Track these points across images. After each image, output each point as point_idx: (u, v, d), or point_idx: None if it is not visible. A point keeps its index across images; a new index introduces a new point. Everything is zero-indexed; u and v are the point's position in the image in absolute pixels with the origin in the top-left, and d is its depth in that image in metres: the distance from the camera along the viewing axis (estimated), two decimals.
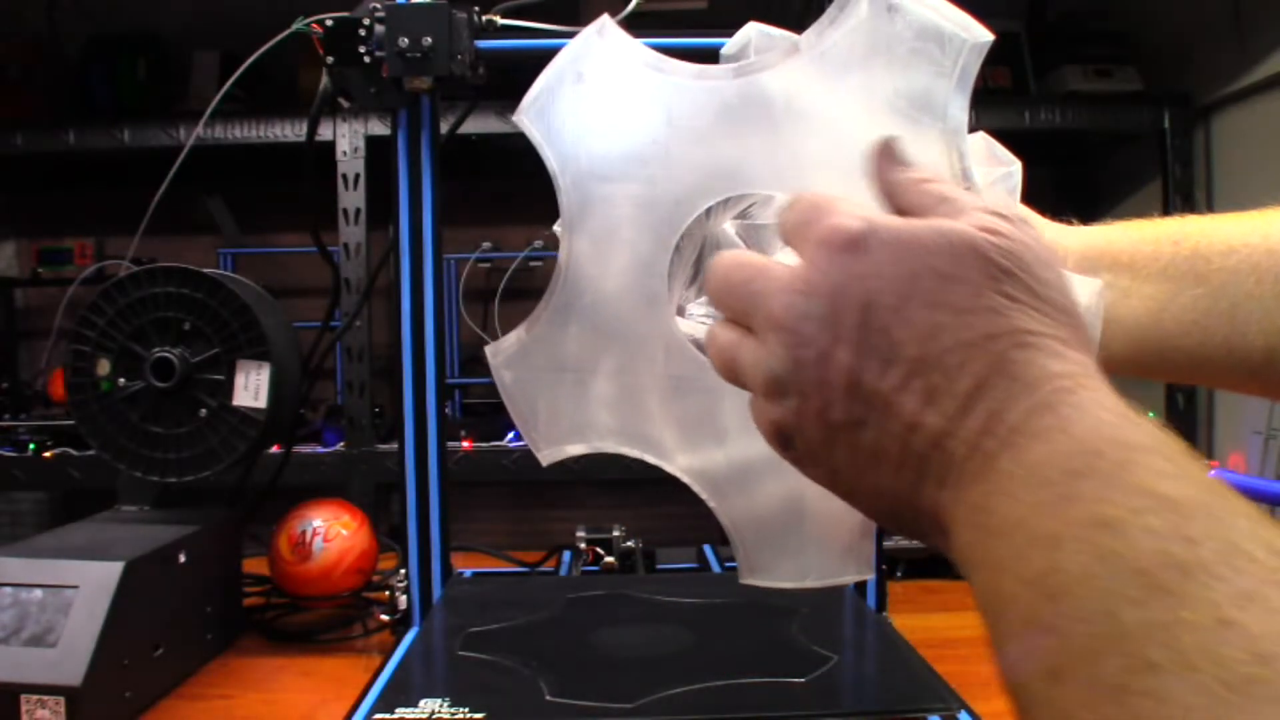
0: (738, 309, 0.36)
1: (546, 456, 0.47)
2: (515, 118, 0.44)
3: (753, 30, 0.50)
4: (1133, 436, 0.27)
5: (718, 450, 0.45)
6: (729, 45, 0.51)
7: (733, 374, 0.36)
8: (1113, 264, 0.49)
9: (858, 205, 0.34)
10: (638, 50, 0.44)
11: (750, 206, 0.48)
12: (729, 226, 0.48)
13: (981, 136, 0.49)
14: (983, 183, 0.43)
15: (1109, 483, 0.26)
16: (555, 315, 0.44)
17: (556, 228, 0.49)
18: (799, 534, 0.44)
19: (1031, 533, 0.27)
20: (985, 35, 0.41)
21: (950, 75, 0.40)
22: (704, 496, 0.45)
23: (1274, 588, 0.22)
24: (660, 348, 0.44)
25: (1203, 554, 0.23)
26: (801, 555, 0.44)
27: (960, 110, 0.41)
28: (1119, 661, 0.23)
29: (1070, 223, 0.52)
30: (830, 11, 0.41)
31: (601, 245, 0.44)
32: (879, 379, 0.31)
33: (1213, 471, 0.93)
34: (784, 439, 0.35)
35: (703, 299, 0.48)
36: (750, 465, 0.44)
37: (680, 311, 0.47)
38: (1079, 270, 0.48)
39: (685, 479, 0.45)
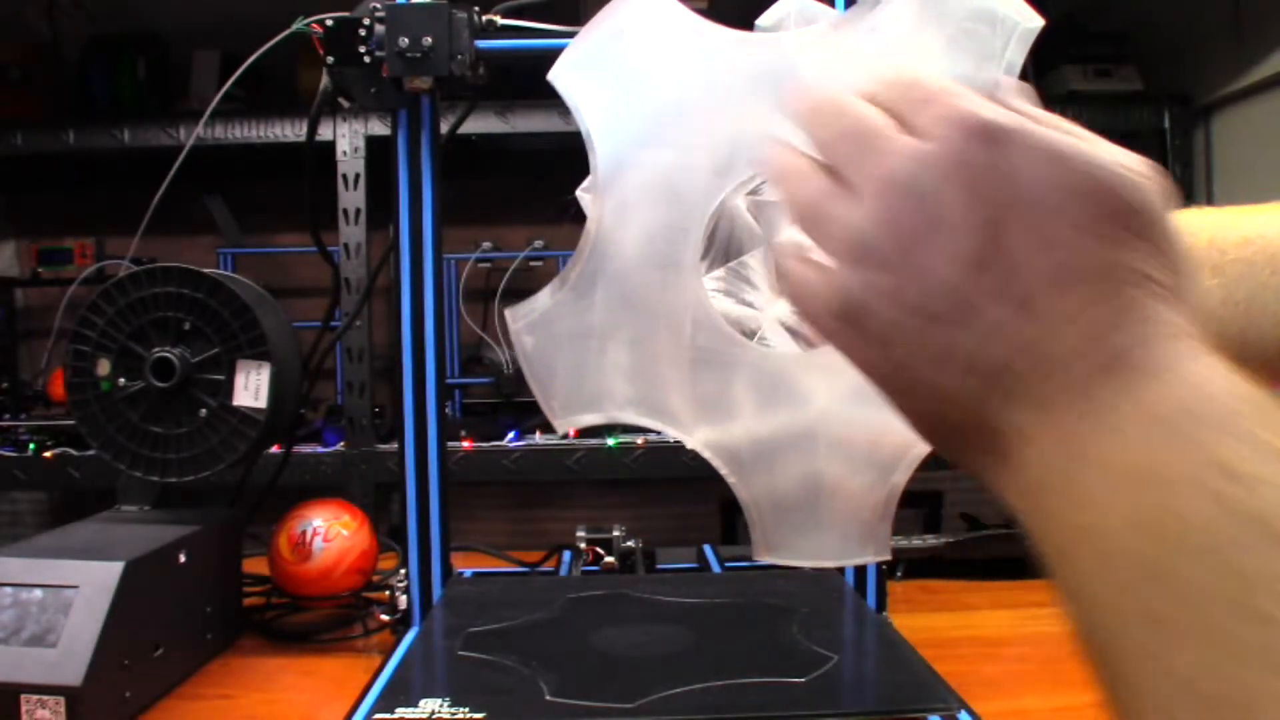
0: (841, 155, 0.33)
1: (563, 425, 0.46)
2: (551, 77, 0.43)
3: (793, 2, 0.49)
4: (1243, 389, 0.26)
5: (738, 425, 0.44)
6: (765, 17, 0.50)
7: (814, 223, 0.33)
8: None
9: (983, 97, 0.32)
10: (679, 10, 0.42)
11: (762, 183, 0.47)
12: (740, 202, 0.47)
13: None
14: None
15: (1225, 429, 0.25)
16: (582, 281, 0.43)
17: (581, 192, 0.48)
18: (818, 513, 0.43)
19: (1140, 471, 0.25)
20: (1037, 20, 0.40)
21: (999, 58, 0.40)
22: (722, 471, 0.44)
23: None
24: (688, 319, 0.44)
25: None
26: (819, 534, 0.44)
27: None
28: (1228, 609, 0.22)
29: None
30: None
31: (633, 211, 0.43)
32: (973, 279, 0.29)
33: None
34: (846, 311, 0.32)
35: (717, 272, 0.47)
36: (771, 441, 0.44)
37: None
38: None
39: (704, 453, 0.45)
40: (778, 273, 0.35)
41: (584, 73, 0.42)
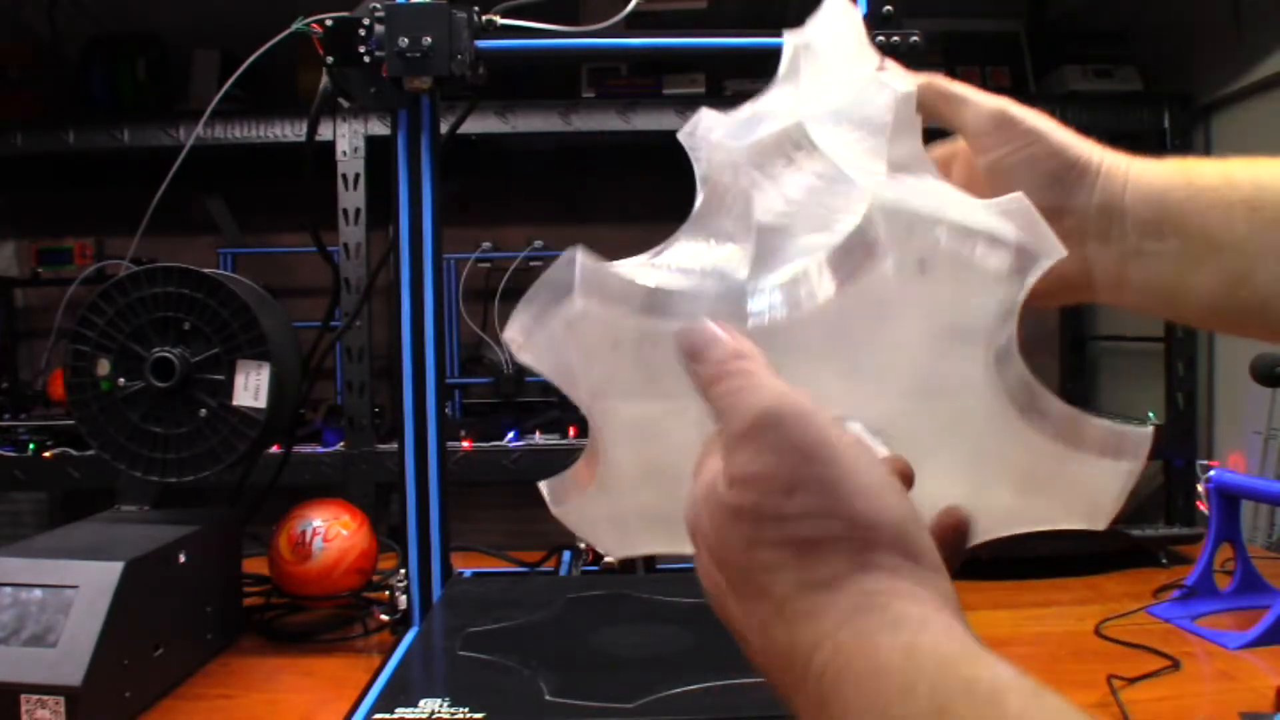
0: None
1: (618, 556, 0.48)
2: (513, 352, 0.42)
3: (703, 115, 0.45)
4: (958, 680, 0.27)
5: None
6: (683, 133, 0.46)
7: None
8: (1178, 229, 0.45)
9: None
10: (620, 289, 0.39)
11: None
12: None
13: (1018, 197, 0.39)
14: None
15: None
16: (600, 488, 0.43)
17: None
18: None
19: None
20: (910, 85, 0.40)
21: (885, 132, 0.39)
22: None
23: None
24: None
25: None
26: None
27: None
28: None
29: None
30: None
31: (623, 444, 0.42)
32: (724, 581, 0.34)
33: (1213, 471, 0.92)
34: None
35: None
36: None
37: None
38: (1143, 231, 0.45)
39: None
40: None
41: (539, 348, 0.41)
